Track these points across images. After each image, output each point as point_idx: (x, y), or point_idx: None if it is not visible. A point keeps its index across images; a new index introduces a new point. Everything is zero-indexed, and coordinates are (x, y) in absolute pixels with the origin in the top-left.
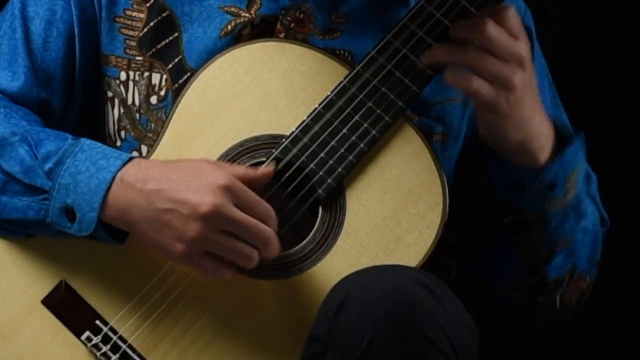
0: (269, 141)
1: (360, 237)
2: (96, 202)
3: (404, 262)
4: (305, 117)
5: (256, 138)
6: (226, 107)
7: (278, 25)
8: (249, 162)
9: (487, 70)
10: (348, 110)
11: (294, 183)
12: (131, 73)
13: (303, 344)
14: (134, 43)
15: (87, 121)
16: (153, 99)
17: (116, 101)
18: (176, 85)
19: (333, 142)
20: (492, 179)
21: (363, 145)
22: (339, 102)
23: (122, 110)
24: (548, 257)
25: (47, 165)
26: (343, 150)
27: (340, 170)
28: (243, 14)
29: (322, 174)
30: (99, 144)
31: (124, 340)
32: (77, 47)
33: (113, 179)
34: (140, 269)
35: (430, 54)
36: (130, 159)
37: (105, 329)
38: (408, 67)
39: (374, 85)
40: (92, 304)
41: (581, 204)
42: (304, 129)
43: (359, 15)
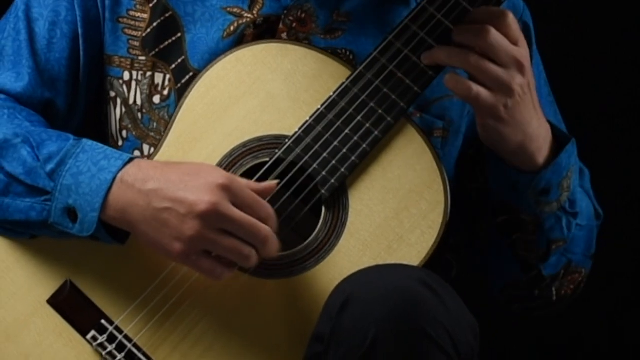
0: (272, 142)
1: (363, 236)
2: (97, 202)
3: (406, 261)
4: (308, 118)
5: (259, 139)
6: (229, 108)
7: (280, 25)
8: (252, 163)
9: (487, 76)
10: (350, 110)
11: (297, 183)
12: (134, 73)
13: (306, 343)
14: (137, 43)
15: (90, 121)
16: (156, 99)
17: (118, 101)
18: (179, 85)
19: (336, 143)
20: (488, 178)
21: (365, 146)
22: (342, 103)
23: (123, 109)
24: (543, 256)
25: (49, 167)
26: (346, 151)
27: (343, 170)
28: (245, 14)
29: (325, 174)
30: (100, 145)
31: (129, 340)
32: (81, 48)
33: (114, 179)
34: (144, 269)
35: (431, 55)
36: (131, 159)
37: (110, 328)
38: (410, 67)
39: (376, 86)
40: (97, 303)
41: (575, 204)
42: (307, 129)
43: (360, 14)
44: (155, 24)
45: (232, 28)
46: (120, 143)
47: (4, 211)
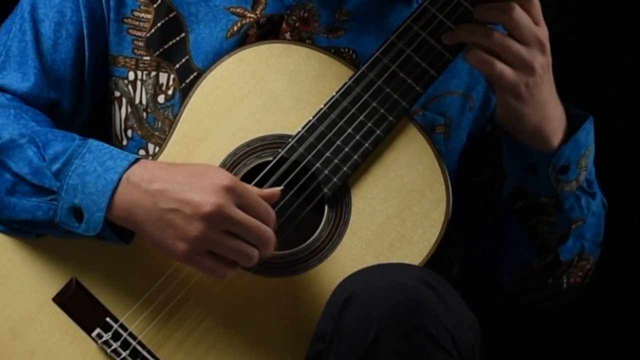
0: (275, 141)
1: (365, 235)
2: (103, 202)
3: (408, 259)
4: (311, 117)
5: (263, 138)
6: (233, 108)
7: (283, 25)
8: (256, 162)
9: (510, 53)
10: (353, 110)
11: (300, 182)
12: (139, 73)
13: (308, 341)
14: (141, 43)
15: (95, 121)
16: (160, 98)
17: (123, 101)
18: (183, 84)
19: (338, 142)
20: (504, 164)
21: (368, 145)
22: (344, 103)
23: (129, 109)
24: (562, 238)
25: (55, 166)
26: (348, 150)
27: (346, 169)
28: (248, 14)
29: (327, 173)
30: (106, 145)
31: (134, 337)
32: (86, 48)
33: (120, 179)
34: (149, 268)
35: (453, 34)
36: (137, 159)
37: (115, 326)
38: (411, 67)
39: (378, 86)
40: (102, 301)
41: (592, 185)
42: (310, 128)
43: (362, 12)
44: (159, 24)
45: (235, 28)
46: (124, 142)
47: (10, 210)
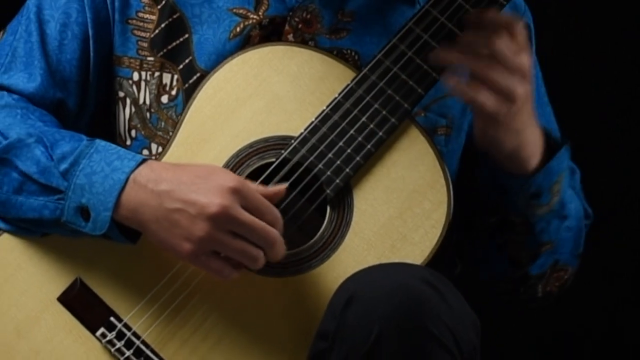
0: (278, 142)
1: (367, 235)
2: (110, 202)
3: (410, 260)
4: (313, 119)
5: (266, 139)
6: (236, 110)
7: (286, 27)
8: (259, 163)
9: (494, 80)
10: (355, 112)
11: (303, 183)
12: (143, 73)
13: (311, 340)
14: (145, 44)
15: (99, 121)
16: (164, 98)
17: (127, 101)
18: (187, 85)
19: (341, 143)
20: (480, 180)
21: (370, 146)
22: (346, 104)
23: (133, 109)
24: (532, 257)
25: (63, 166)
26: (350, 151)
27: (348, 170)
28: (251, 15)
29: (330, 174)
30: (113, 145)
31: (138, 337)
32: (92, 49)
33: (127, 179)
34: (153, 268)
35: (439, 55)
36: (144, 160)
37: (119, 325)
38: (413, 69)
39: (380, 88)
40: (106, 301)
41: (565, 207)
42: (313, 130)
43: (364, 13)
44: (163, 25)
45: (238, 29)
46: (128, 142)
47: (17, 209)
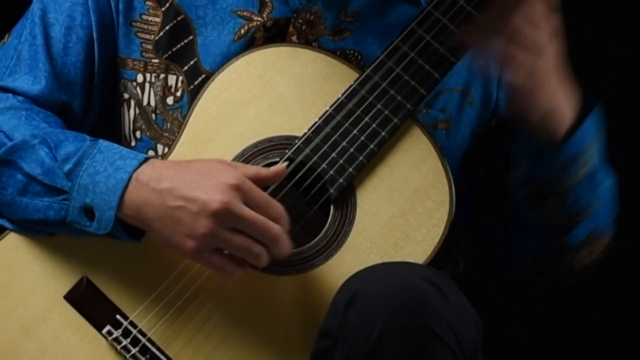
0: (282, 142)
1: (370, 234)
2: (114, 200)
3: (412, 258)
4: (317, 119)
5: (270, 139)
6: (241, 110)
7: (290, 28)
8: (263, 163)
9: (529, 39)
10: (358, 112)
11: (306, 182)
12: (147, 75)
13: (314, 338)
14: (150, 46)
15: (104, 122)
16: (169, 100)
17: (132, 102)
18: (192, 86)
19: (344, 143)
20: (514, 151)
21: (373, 146)
22: (349, 105)
23: (137, 111)
24: (570, 225)
25: (67, 167)
26: (353, 151)
27: (351, 170)
28: (255, 17)
29: (333, 173)
30: (115, 145)
31: (144, 334)
32: (96, 52)
33: (129, 178)
34: (158, 266)
35: (459, 38)
36: (146, 159)
37: (125, 323)
38: (415, 70)
39: (383, 88)
40: (112, 299)
41: (596, 175)
42: (316, 130)
43: (366, 13)
44: (167, 27)
45: (242, 31)
46: (133, 143)
47: (23, 210)
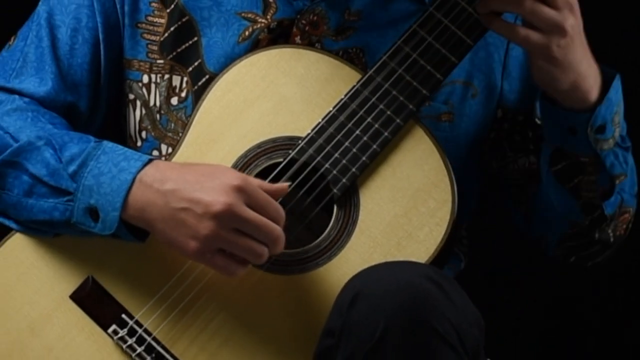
0: (285, 142)
1: (373, 234)
2: (118, 202)
3: (415, 257)
4: (320, 120)
5: (273, 140)
6: (244, 111)
7: (294, 29)
8: (267, 163)
9: (541, 18)
10: (361, 112)
11: (310, 182)
12: (153, 76)
13: (318, 337)
14: (155, 47)
15: (110, 123)
16: (174, 100)
17: (138, 103)
18: (196, 87)
19: (347, 143)
20: (544, 128)
21: (375, 146)
22: (352, 105)
23: (143, 111)
24: (607, 193)
25: (71, 168)
26: (356, 151)
27: (354, 170)
28: (259, 19)
29: (336, 173)
30: (120, 147)
31: (149, 333)
32: (102, 53)
33: (133, 179)
34: (163, 266)
35: (486, 3)
36: (150, 160)
37: (131, 323)
38: (418, 71)
39: (385, 89)
40: (118, 298)
41: (626, 139)
42: (319, 130)
43: (369, 11)
44: (172, 29)
45: (247, 33)
46: (139, 143)
47: (28, 211)
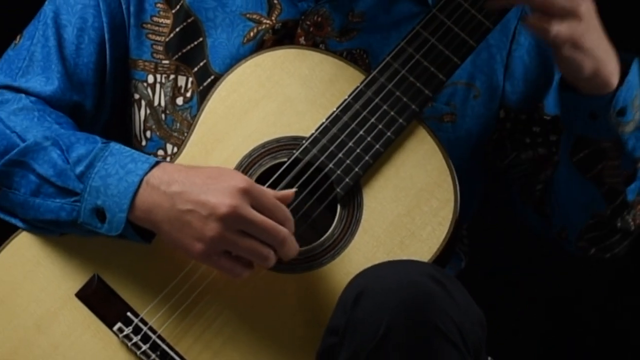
0: (289, 142)
1: (377, 233)
2: (125, 203)
3: (418, 256)
4: (324, 120)
5: (277, 140)
6: (249, 111)
7: (298, 30)
8: (271, 163)
9: (556, 7)
10: (364, 113)
11: (314, 182)
12: (158, 76)
13: (321, 335)
14: (160, 48)
15: (115, 122)
16: (179, 100)
17: (142, 103)
18: (201, 87)
19: (350, 143)
20: (563, 118)
21: (379, 146)
22: (356, 106)
23: (148, 111)
24: (628, 179)
25: (79, 169)
26: (360, 151)
27: (358, 169)
28: (264, 20)
29: (340, 173)
30: (127, 148)
31: (154, 331)
32: (108, 53)
33: (140, 181)
34: (168, 265)
35: (495, 1)
36: (157, 162)
37: (136, 320)
38: (421, 72)
39: (388, 90)
40: (123, 297)
41: None
42: (323, 130)
43: (373, 13)
44: (177, 29)
45: (251, 34)
46: (143, 143)
47: (35, 211)
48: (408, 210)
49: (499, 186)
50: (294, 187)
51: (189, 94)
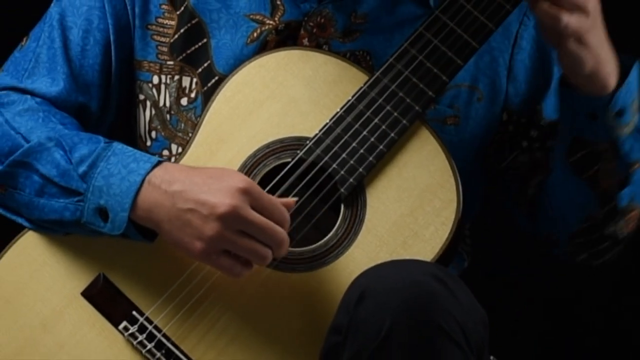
0: (293, 143)
1: (380, 233)
2: (127, 203)
3: (421, 256)
4: (327, 121)
5: (281, 140)
6: (253, 112)
7: (301, 31)
8: (275, 163)
9: (566, 1)
10: (368, 113)
11: (318, 182)
12: (163, 77)
13: (324, 334)
14: (165, 49)
15: (121, 123)
16: (183, 101)
17: (148, 103)
18: (205, 88)
19: (354, 144)
20: (561, 118)
21: (382, 147)
22: (360, 106)
23: (153, 111)
24: (622, 183)
25: (82, 169)
26: (363, 151)
27: (361, 170)
28: (267, 21)
29: (343, 173)
30: (129, 148)
31: (159, 330)
32: (113, 54)
33: (142, 181)
34: (173, 265)
35: None
36: (159, 162)
37: (141, 319)
38: (424, 73)
39: (392, 90)
40: (128, 296)
41: None
42: (327, 131)
43: (376, 14)
44: (182, 30)
45: (255, 34)
46: (148, 143)
47: (40, 211)
48: (411, 211)
49: (494, 187)
50: (297, 188)
51: (193, 95)
